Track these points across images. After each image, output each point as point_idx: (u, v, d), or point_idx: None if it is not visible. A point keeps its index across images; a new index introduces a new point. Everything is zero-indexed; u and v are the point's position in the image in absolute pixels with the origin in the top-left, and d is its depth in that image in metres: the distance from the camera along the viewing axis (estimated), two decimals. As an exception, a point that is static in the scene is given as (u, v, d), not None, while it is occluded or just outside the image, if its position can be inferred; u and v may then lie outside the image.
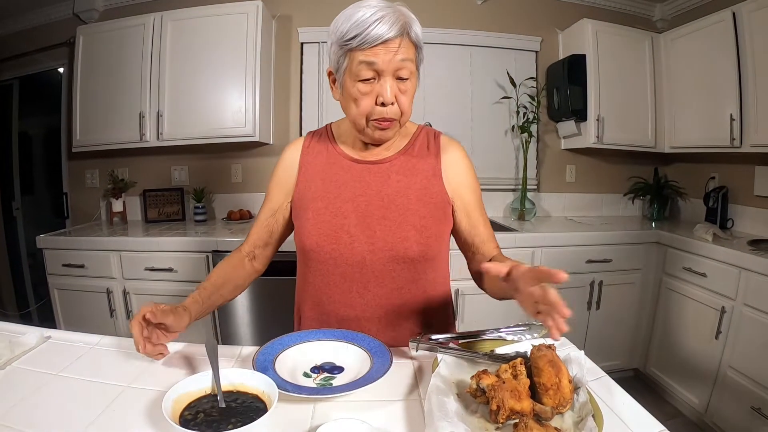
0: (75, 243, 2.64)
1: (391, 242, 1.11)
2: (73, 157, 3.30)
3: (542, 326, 1.01)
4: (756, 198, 2.84)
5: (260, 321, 2.58)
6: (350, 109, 1.06)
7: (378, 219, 1.12)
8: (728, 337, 2.32)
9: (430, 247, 1.14)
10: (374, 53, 0.97)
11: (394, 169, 1.16)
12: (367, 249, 1.11)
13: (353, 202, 1.13)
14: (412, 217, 1.12)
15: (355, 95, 1.02)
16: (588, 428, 0.68)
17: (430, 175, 1.16)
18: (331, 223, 1.12)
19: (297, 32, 3.21)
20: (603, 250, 2.80)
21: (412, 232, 1.11)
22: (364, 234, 1.12)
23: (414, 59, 1.03)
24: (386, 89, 1.00)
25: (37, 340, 1.02)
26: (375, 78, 1.00)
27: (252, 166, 3.33)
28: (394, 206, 1.12)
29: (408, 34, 0.99)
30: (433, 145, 1.21)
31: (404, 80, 1.02)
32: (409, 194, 1.14)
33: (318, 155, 1.20)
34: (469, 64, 3.34)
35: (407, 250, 1.11)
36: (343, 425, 0.70)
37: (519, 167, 3.42)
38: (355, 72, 0.99)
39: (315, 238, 1.12)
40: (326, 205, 1.14)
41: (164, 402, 0.70)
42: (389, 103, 1.01)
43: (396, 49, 0.97)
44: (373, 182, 1.15)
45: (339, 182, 1.15)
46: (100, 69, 2.96)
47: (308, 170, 1.19)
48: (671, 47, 3.10)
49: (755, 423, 2.14)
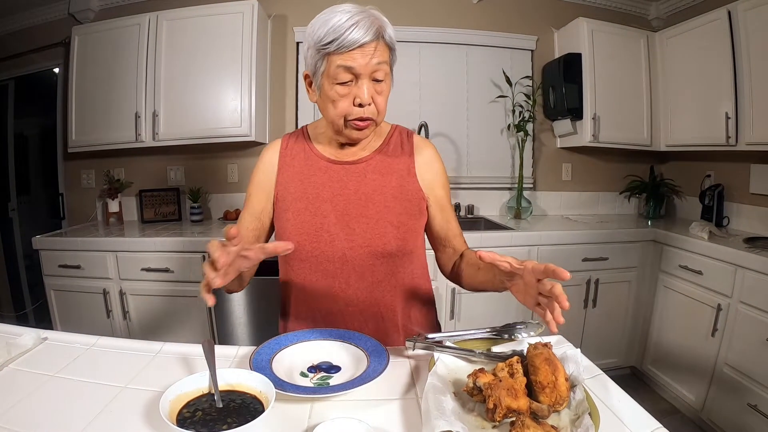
0: (71, 244, 2.63)
1: (369, 238, 1.15)
2: (68, 158, 3.28)
3: (539, 324, 1.02)
4: (752, 196, 2.85)
5: (257, 321, 2.58)
6: (328, 110, 1.08)
7: (356, 217, 1.16)
8: (724, 335, 2.33)
9: (407, 241, 1.19)
10: (351, 57, 1.00)
11: (370, 169, 1.19)
12: (347, 246, 1.15)
13: (332, 201, 1.17)
14: (389, 214, 1.17)
15: (334, 97, 1.05)
16: (584, 426, 0.68)
17: (405, 173, 1.21)
18: (311, 222, 1.16)
19: (293, 32, 3.21)
20: (599, 249, 2.80)
21: (389, 228, 1.16)
22: (344, 231, 1.15)
23: (388, 61, 1.06)
24: (363, 91, 1.03)
25: (33, 341, 1.02)
26: (352, 80, 1.03)
27: (248, 166, 3.32)
28: (371, 204, 1.16)
29: (383, 37, 1.03)
30: (407, 144, 1.25)
31: (380, 82, 1.05)
32: (386, 192, 1.18)
33: (295, 157, 1.22)
34: (464, 63, 3.34)
35: (385, 245, 1.15)
36: (340, 424, 0.70)
37: (515, 166, 3.42)
38: (333, 75, 1.02)
39: (296, 237, 1.15)
40: (306, 205, 1.17)
41: (161, 402, 0.70)
42: (366, 104, 1.04)
43: (372, 53, 1.01)
44: (350, 182, 1.18)
45: (317, 183, 1.18)
46: (96, 69, 2.94)
47: (287, 172, 1.21)
48: (667, 46, 3.11)
49: (752, 420, 2.15)
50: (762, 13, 2.40)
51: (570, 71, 3.09)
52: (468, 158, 3.40)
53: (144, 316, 2.64)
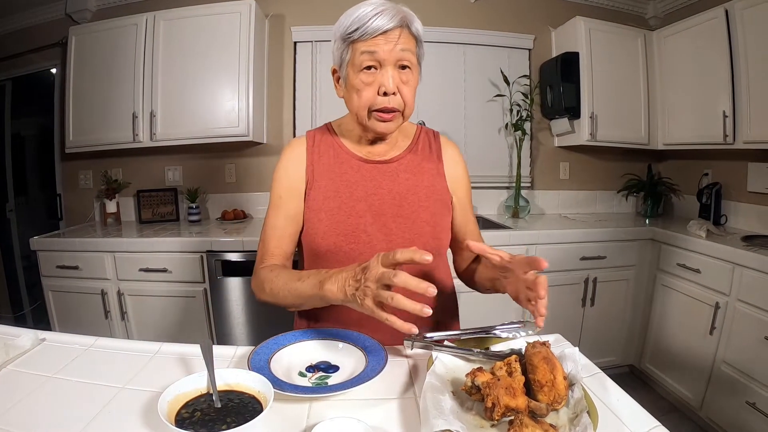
0: (69, 244, 2.62)
1: (408, 239, 1.14)
2: (66, 158, 3.28)
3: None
4: (749, 194, 2.85)
5: (255, 321, 2.58)
6: (353, 101, 1.07)
7: (392, 217, 1.14)
8: (722, 333, 2.33)
9: (442, 240, 1.19)
10: (375, 43, 1.00)
11: (402, 168, 1.19)
12: (386, 247, 1.12)
13: (366, 201, 1.14)
14: (424, 213, 1.16)
15: (358, 86, 1.04)
16: (583, 424, 0.68)
17: (434, 173, 1.21)
18: (347, 222, 1.12)
19: (290, 31, 3.20)
20: (597, 247, 2.81)
21: (426, 228, 1.16)
22: (381, 232, 1.13)
23: (414, 51, 1.05)
24: (388, 78, 1.01)
25: (31, 342, 1.02)
26: (377, 67, 1.02)
27: (246, 166, 3.32)
28: (406, 204, 1.15)
29: (408, 26, 1.02)
30: (435, 144, 1.26)
31: (406, 69, 1.04)
32: (419, 192, 1.17)
33: (323, 154, 1.19)
34: (462, 62, 3.34)
35: (424, 246, 1.11)
36: (338, 424, 0.70)
37: (513, 165, 3.42)
38: (358, 62, 1.02)
39: (332, 238, 1.12)
40: (339, 204, 1.13)
41: (160, 403, 0.70)
42: (391, 92, 1.03)
43: (396, 39, 1.00)
44: (384, 181, 1.16)
45: (350, 181, 1.16)
46: (93, 69, 2.94)
47: (316, 169, 1.17)
48: (664, 45, 3.11)
49: (750, 418, 2.16)
50: (759, 11, 2.40)
51: (567, 70, 3.10)
52: (465, 157, 3.35)
53: (142, 317, 2.64)
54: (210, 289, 2.54)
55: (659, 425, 0.74)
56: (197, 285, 2.57)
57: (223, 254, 2.51)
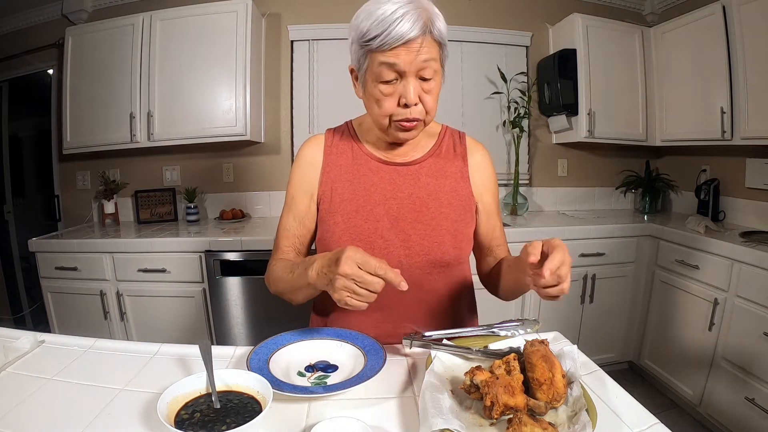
0: (67, 246, 2.62)
1: (427, 246, 1.09)
2: (63, 159, 3.27)
3: (535, 321, 1.02)
4: (747, 190, 2.85)
5: (254, 320, 2.58)
6: (373, 109, 1.02)
7: (411, 222, 1.10)
8: (721, 329, 2.34)
9: (463, 250, 1.14)
10: (395, 54, 0.92)
11: (424, 171, 1.13)
12: (404, 253, 1.09)
13: (384, 205, 1.10)
14: (445, 221, 1.11)
15: (377, 96, 0.98)
16: (582, 422, 0.69)
17: (458, 177, 1.16)
18: (364, 227, 1.09)
19: (287, 30, 3.20)
20: (596, 244, 2.81)
21: (447, 236, 1.10)
22: (398, 238, 1.09)
23: (438, 58, 0.97)
24: (409, 90, 0.95)
25: (31, 344, 1.02)
26: (397, 79, 0.96)
27: (244, 165, 3.32)
28: (426, 209, 1.10)
29: (431, 32, 0.93)
30: (460, 146, 1.20)
31: (428, 80, 0.97)
32: (440, 197, 1.12)
33: (341, 155, 1.15)
34: (459, 60, 3.34)
35: (444, 254, 1.09)
36: (337, 423, 0.70)
37: (511, 162, 3.42)
38: (377, 73, 0.95)
39: (347, 243, 1.06)
40: (356, 208, 1.10)
41: (159, 404, 0.70)
42: (412, 104, 0.97)
43: (418, 49, 0.92)
44: (404, 185, 1.12)
45: (368, 184, 1.11)
46: (90, 70, 2.93)
47: (333, 170, 1.14)
48: (661, 41, 3.11)
49: (749, 413, 2.16)
50: (756, 7, 2.40)
51: (565, 67, 3.10)
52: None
53: (141, 317, 2.63)
54: (209, 289, 2.54)
55: (658, 423, 0.74)
56: (196, 285, 2.57)
57: (221, 254, 2.51)
